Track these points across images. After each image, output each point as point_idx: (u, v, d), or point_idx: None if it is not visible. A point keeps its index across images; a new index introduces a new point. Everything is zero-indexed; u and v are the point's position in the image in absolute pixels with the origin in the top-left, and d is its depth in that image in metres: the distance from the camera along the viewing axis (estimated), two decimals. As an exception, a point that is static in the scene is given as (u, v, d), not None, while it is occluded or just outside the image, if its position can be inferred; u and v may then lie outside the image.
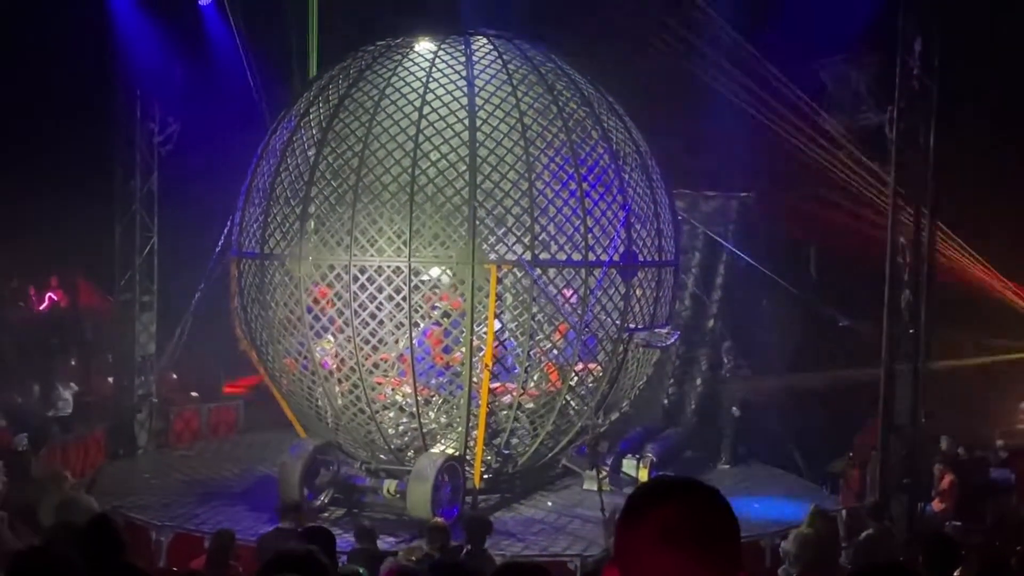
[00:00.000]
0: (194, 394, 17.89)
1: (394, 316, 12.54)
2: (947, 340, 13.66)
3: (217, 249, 13.85)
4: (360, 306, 12.40)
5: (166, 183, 16.48)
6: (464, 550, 9.03)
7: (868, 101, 15.34)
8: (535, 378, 12.93)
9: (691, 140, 15.82)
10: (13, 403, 15.24)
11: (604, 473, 13.19)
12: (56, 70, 16.31)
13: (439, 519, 9.81)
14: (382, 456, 13.04)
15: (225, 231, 13.73)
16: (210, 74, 16.86)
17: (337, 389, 13.11)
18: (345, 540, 9.53)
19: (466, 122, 12.28)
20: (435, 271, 12.74)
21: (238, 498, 13.42)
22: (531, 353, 12.66)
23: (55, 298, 19.08)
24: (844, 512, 12.13)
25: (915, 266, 12.17)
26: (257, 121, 15.54)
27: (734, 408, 15.45)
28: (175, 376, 17.34)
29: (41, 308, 18.88)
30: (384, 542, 10.46)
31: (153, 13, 16.00)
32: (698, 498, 2.13)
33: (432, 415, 12.93)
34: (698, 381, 16.76)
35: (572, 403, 13.22)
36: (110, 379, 16.58)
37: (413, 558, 8.46)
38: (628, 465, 14.06)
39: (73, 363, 17.73)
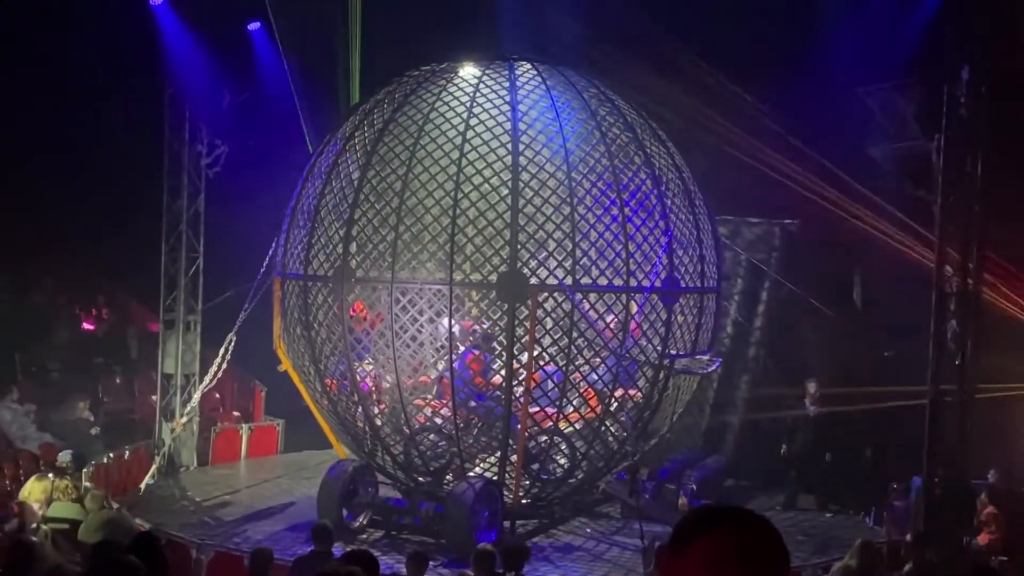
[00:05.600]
0: (236, 413, 18.04)
1: (435, 339, 12.58)
2: (994, 369, 13.43)
3: (262, 270, 13.98)
4: (401, 328, 12.45)
5: (213, 204, 16.72)
6: (504, 576, 9.00)
7: (915, 129, 15.19)
8: (574, 403, 12.89)
9: (735, 166, 15.76)
10: (59, 420, 15.43)
11: (643, 500, 13.11)
12: (106, 93, 16.59)
13: (486, 545, 9.77)
14: (420, 479, 13.05)
15: (270, 252, 13.88)
16: (257, 97, 17.09)
17: (376, 410, 13.17)
18: (385, 564, 9.53)
19: (509, 147, 12.33)
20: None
21: (279, 517, 13.49)
22: (570, 378, 12.62)
23: (102, 317, 19.33)
24: (886, 545, 11.94)
25: (962, 295, 12.01)
26: (302, 144, 15.74)
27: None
28: (218, 395, 17.50)
29: (87, 327, 19.14)
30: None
31: (202, 37, 16.26)
32: (749, 526, 2.11)
33: (471, 439, 12.93)
34: (739, 408, 16.60)
35: (611, 429, 13.16)
36: (154, 398, 16.77)
37: None
38: (668, 493, 13.96)
39: (118, 381, 17.93)
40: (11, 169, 17.05)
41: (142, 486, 14.44)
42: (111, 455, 14.84)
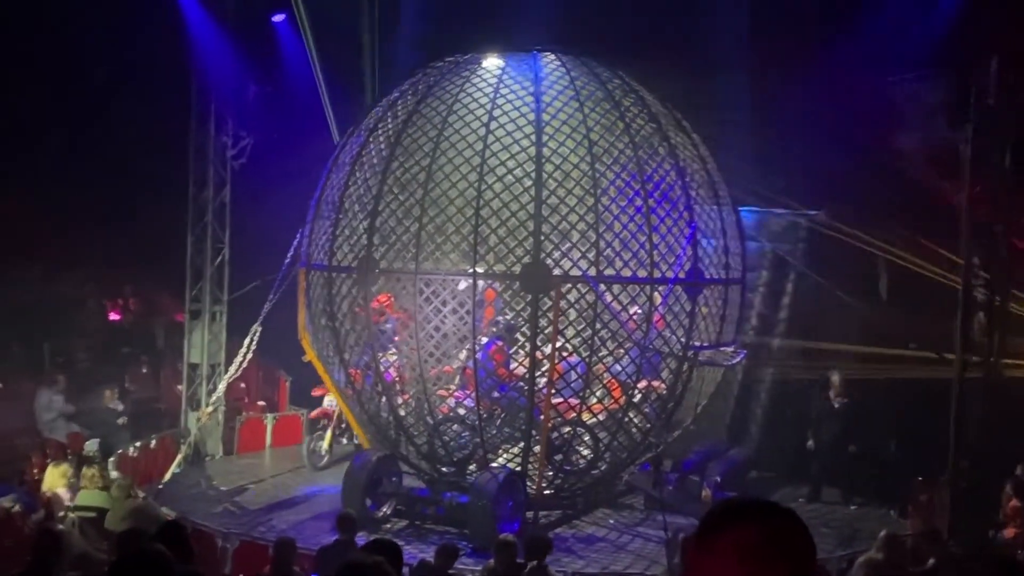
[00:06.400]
0: (261, 403, 18.16)
1: (458, 329, 12.61)
2: (1021, 361, 13.32)
3: (286, 261, 14.05)
4: (424, 319, 12.48)
5: (238, 195, 16.81)
6: (528, 567, 9.03)
7: (942, 119, 15.06)
8: (598, 394, 12.89)
9: (760, 157, 15.69)
10: (86, 410, 15.57)
11: (666, 491, 13.10)
12: (133, 85, 16.69)
13: (508, 535, 9.81)
14: (444, 469, 13.09)
15: (294, 243, 13.94)
16: (282, 89, 17.15)
17: (400, 401, 13.23)
18: (409, 553, 9.57)
19: (532, 137, 12.33)
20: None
21: (303, 507, 13.57)
22: (593, 369, 12.62)
23: (129, 307, 19.48)
24: (910, 538, 11.88)
25: (989, 287, 11.92)
26: (327, 135, 15.79)
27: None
28: (243, 385, 17.62)
29: (114, 317, 19.30)
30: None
31: (227, 29, 16.34)
32: (776, 520, 2.13)
33: (494, 430, 12.96)
34: (762, 400, 16.55)
35: (635, 420, 13.16)
36: (180, 387, 16.91)
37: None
38: (691, 484, 13.94)
39: (144, 371, 18.08)
40: (39, 161, 17.19)
41: (167, 475, 14.56)
42: (137, 444, 14.99)
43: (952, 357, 12.02)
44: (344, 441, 15.63)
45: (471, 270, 12.45)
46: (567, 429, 12.79)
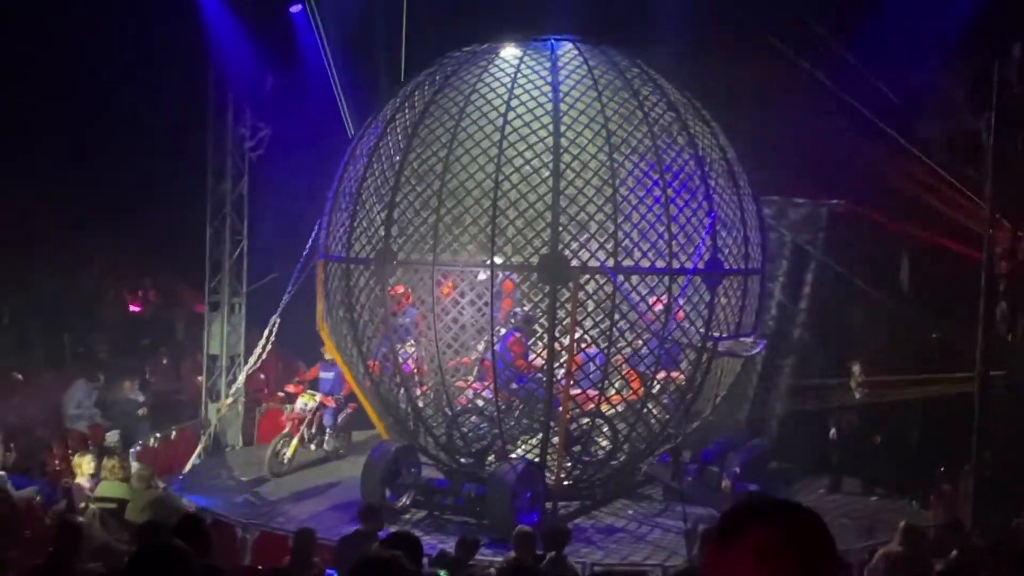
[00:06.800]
0: (280, 394, 18.19)
1: (476, 320, 12.59)
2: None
3: (304, 252, 14.07)
4: (442, 310, 12.47)
5: (256, 187, 16.84)
6: (547, 558, 9.01)
7: (964, 108, 14.92)
8: (616, 385, 12.85)
9: (780, 146, 15.57)
10: (106, 401, 15.65)
11: (686, 482, 13.06)
12: (151, 76, 16.73)
13: (527, 527, 9.79)
14: (463, 460, 13.09)
15: (312, 234, 13.95)
16: (300, 80, 17.15)
17: (419, 392, 13.23)
18: (428, 544, 9.56)
19: (550, 128, 12.27)
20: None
21: (322, 497, 13.61)
22: (612, 360, 12.58)
23: (149, 299, 19.57)
24: (932, 529, 11.80)
25: (1011, 276, 11.81)
26: (344, 127, 15.78)
27: (832, 431, 14.66)
28: (262, 376, 17.67)
29: (134, 309, 19.39)
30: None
31: (244, 20, 16.34)
32: (797, 519, 2.12)
33: (513, 421, 12.94)
34: (782, 391, 16.46)
35: (654, 411, 13.12)
36: (199, 378, 16.97)
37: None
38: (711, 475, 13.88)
39: (165, 362, 18.15)
40: (58, 154, 17.27)
41: (188, 466, 14.63)
42: (158, 435, 15.05)
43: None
44: (312, 447, 15.20)
45: (489, 261, 12.42)
46: (586, 420, 12.76)
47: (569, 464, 12.88)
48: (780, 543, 2.06)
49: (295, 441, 14.84)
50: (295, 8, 17.02)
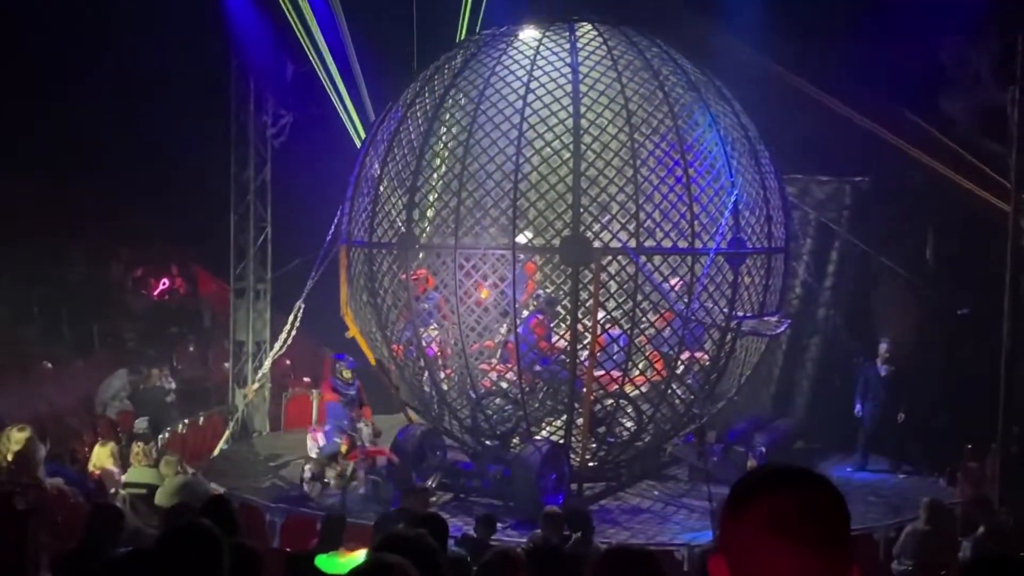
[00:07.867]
0: (306, 379, 18.32)
1: (498, 303, 12.60)
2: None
3: (328, 238, 14.13)
4: (465, 293, 12.50)
5: (279, 174, 16.91)
6: (572, 538, 9.06)
7: (989, 81, 14.75)
8: (640, 366, 12.84)
9: (804, 123, 15.45)
10: (135, 388, 15.81)
11: (711, 462, 13.06)
12: (173, 65, 16.81)
13: (554, 507, 9.81)
14: (488, 442, 13.14)
15: (335, 220, 14.00)
16: (321, 67, 17.17)
17: (443, 375, 13.28)
18: (454, 526, 9.62)
19: (570, 109, 12.23)
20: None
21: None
22: (635, 341, 12.56)
23: (169, 285, 19.71)
24: (959, 506, 11.75)
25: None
26: (365, 113, 15.81)
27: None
28: (288, 362, 17.79)
29: (156, 295, 19.52)
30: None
31: (265, 7, 16.37)
32: (809, 486, 2.07)
33: (537, 403, 12.97)
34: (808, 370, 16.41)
35: (678, 392, 13.10)
36: (226, 365, 17.10)
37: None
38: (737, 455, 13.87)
39: (191, 349, 18.31)
40: (86, 145, 17.40)
41: (216, 451, 14.75)
42: (186, 422, 15.19)
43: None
44: (355, 484, 12.83)
45: (511, 243, 12.42)
46: (610, 401, 12.77)
47: (594, 445, 12.90)
48: (790, 511, 2.01)
49: (337, 472, 12.89)
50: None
